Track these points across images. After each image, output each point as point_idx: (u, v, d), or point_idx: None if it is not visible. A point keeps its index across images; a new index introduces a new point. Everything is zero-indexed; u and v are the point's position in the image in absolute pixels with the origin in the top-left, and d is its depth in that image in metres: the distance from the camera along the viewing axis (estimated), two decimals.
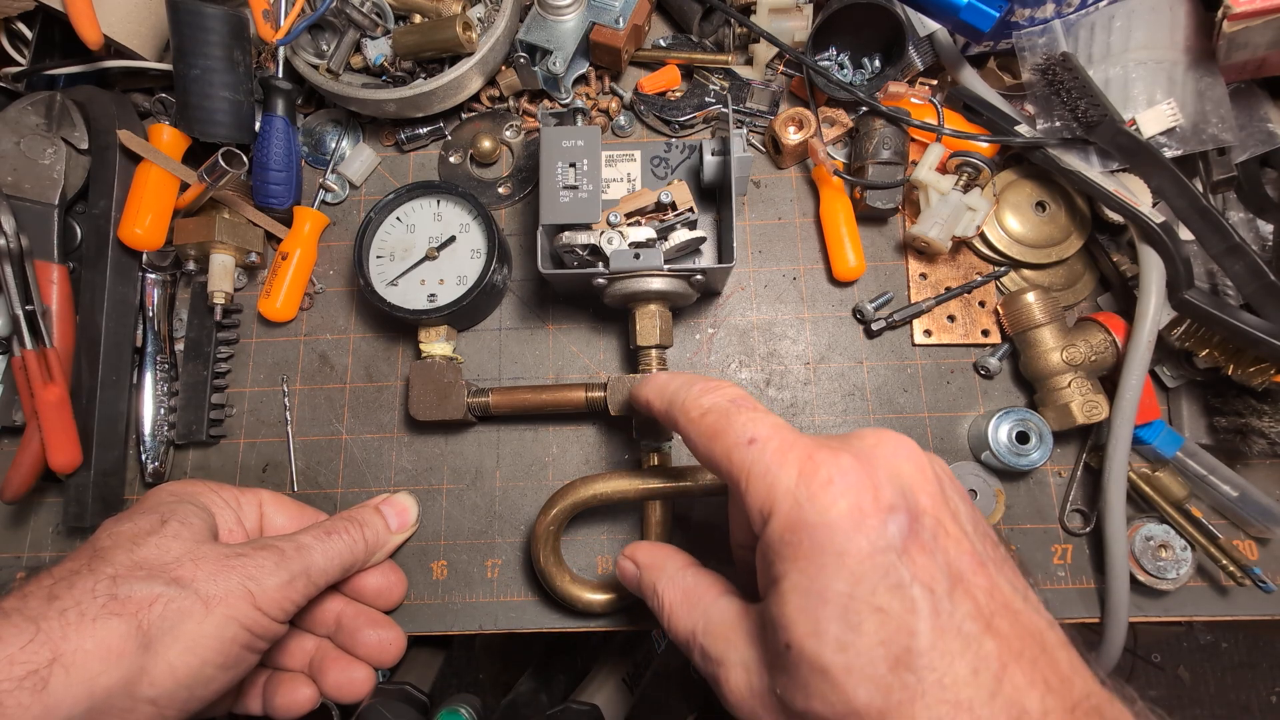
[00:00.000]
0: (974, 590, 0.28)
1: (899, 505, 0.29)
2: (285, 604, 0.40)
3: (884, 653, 0.27)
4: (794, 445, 0.31)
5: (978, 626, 0.27)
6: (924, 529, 0.29)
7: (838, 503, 0.29)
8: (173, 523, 0.41)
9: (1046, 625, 0.29)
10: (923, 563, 0.28)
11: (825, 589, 0.28)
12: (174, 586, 0.37)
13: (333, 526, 0.46)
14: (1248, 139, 0.51)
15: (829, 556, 0.28)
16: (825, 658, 0.27)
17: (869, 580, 0.27)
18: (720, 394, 0.36)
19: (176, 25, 0.53)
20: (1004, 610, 0.28)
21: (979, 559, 0.29)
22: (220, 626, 0.37)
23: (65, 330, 0.54)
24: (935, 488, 0.31)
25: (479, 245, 0.54)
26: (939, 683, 0.26)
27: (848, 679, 0.27)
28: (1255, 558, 0.51)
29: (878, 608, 0.27)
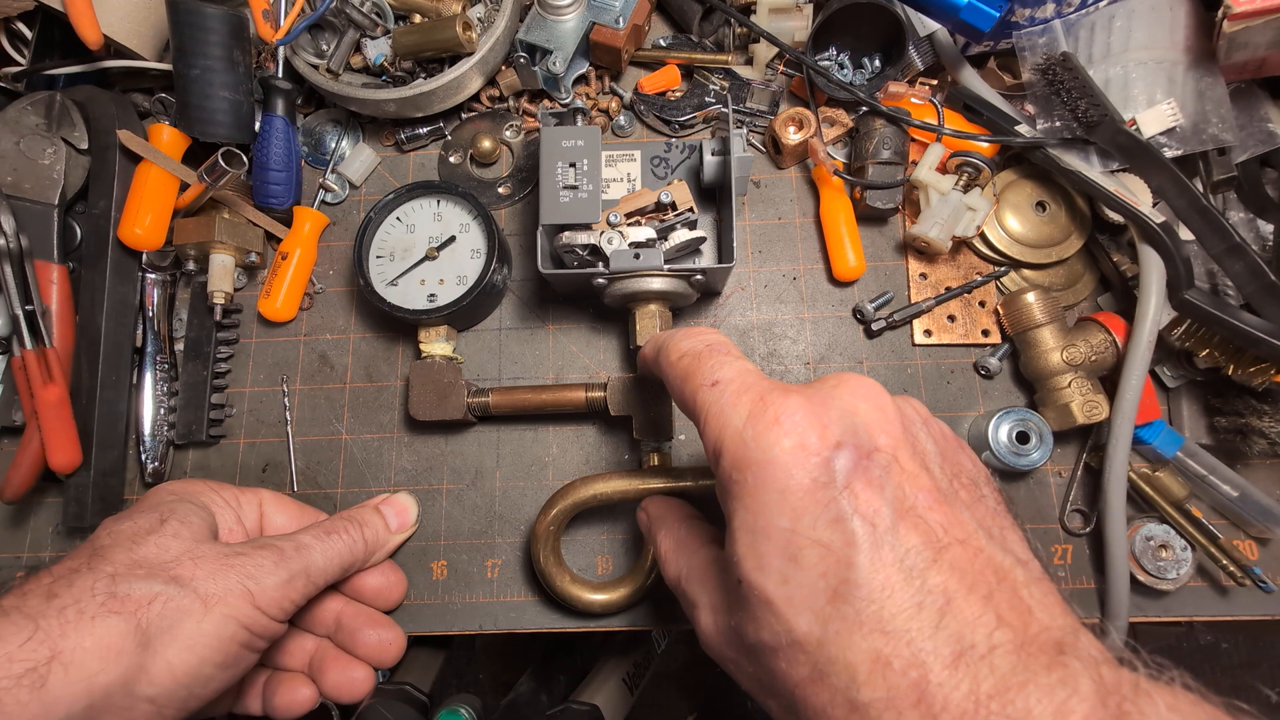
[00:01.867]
0: (926, 525, 0.28)
1: (846, 442, 0.29)
2: (284, 603, 0.40)
3: (824, 585, 0.27)
4: (751, 387, 0.31)
5: (924, 560, 0.27)
6: (873, 464, 0.29)
7: (781, 440, 0.29)
8: (172, 521, 0.41)
9: (1015, 563, 0.28)
10: (866, 497, 0.28)
11: (769, 524, 0.29)
12: (173, 585, 0.37)
13: (332, 526, 0.46)
14: (1248, 139, 0.51)
15: (771, 493, 0.29)
16: (769, 590, 0.28)
17: (809, 514, 0.28)
18: (698, 339, 0.37)
19: (176, 25, 0.53)
20: (960, 545, 0.28)
21: (938, 495, 0.29)
22: (219, 625, 0.37)
23: (65, 330, 0.54)
24: (895, 427, 0.30)
25: (479, 245, 0.54)
26: (878, 614, 0.26)
27: (789, 610, 0.28)
28: (1255, 558, 0.50)
29: (817, 541, 0.27)
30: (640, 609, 0.51)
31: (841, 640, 0.26)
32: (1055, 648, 0.25)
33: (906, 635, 0.25)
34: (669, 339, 0.38)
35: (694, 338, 0.37)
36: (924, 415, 0.34)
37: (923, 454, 0.31)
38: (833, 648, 0.26)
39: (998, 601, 0.26)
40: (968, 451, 0.35)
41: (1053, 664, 0.24)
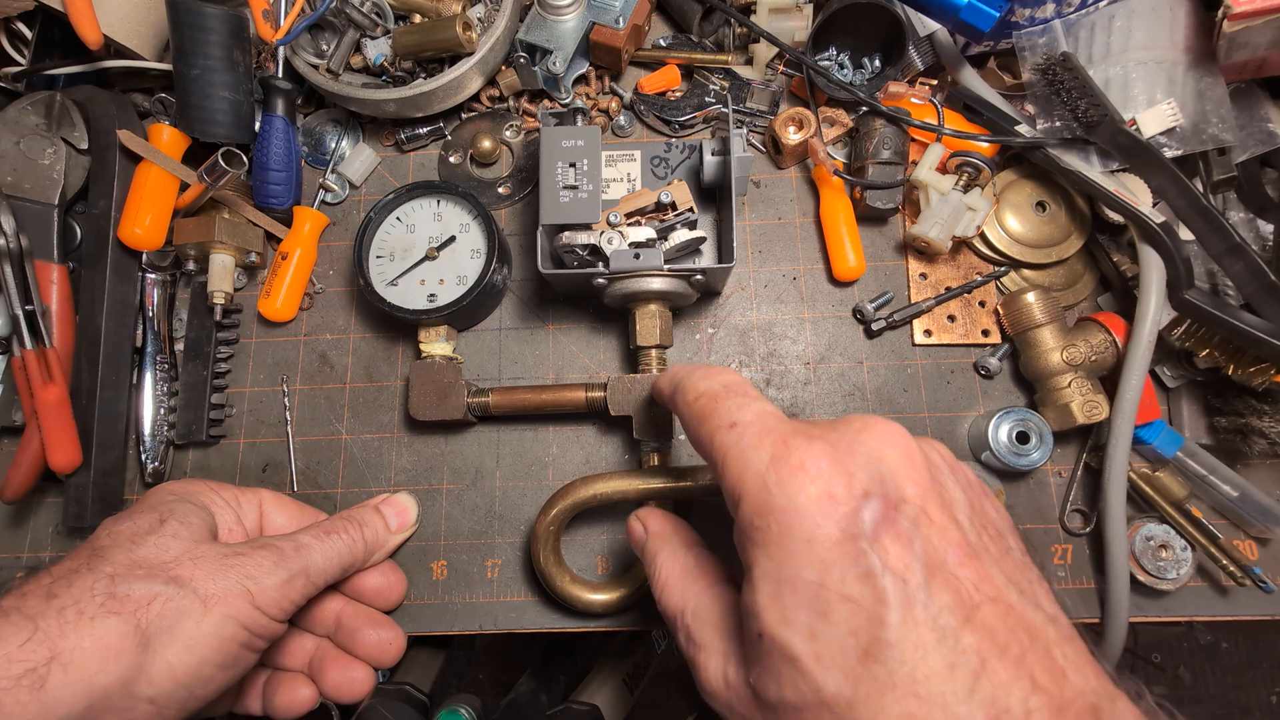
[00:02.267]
0: (957, 582, 0.27)
1: (874, 492, 0.28)
2: (284, 603, 0.40)
3: (854, 643, 0.26)
4: (772, 430, 0.30)
5: (956, 619, 0.26)
6: (902, 517, 0.28)
7: (806, 489, 0.28)
8: (172, 522, 0.41)
9: (1045, 620, 0.27)
10: (896, 551, 0.27)
11: (795, 576, 0.27)
12: (172, 585, 0.37)
13: (332, 526, 0.46)
14: (1248, 139, 0.51)
15: (797, 543, 0.28)
16: (795, 646, 0.27)
17: (838, 568, 0.27)
18: (716, 379, 0.36)
19: (176, 25, 0.53)
20: (992, 603, 0.27)
21: (968, 550, 0.28)
22: (219, 625, 0.37)
23: (65, 330, 0.54)
24: (923, 476, 0.29)
25: (479, 245, 0.54)
26: (910, 676, 0.25)
27: (817, 667, 0.26)
28: (1255, 558, 0.50)
29: (847, 596, 0.26)
30: (640, 609, 0.51)
31: (873, 703, 0.25)
32: (1091, 713, 0.24)
33: (941, 699, 0.25)
34: (686, 378, 0.37)
35: (712, 378, 0.36)
36: (950, 461, 0.33)
37: (950, 504, 0.30)
38: (863, 710, 0.25)
39: (1031, 664, 0.26)
40: (991, 499, 0.34)
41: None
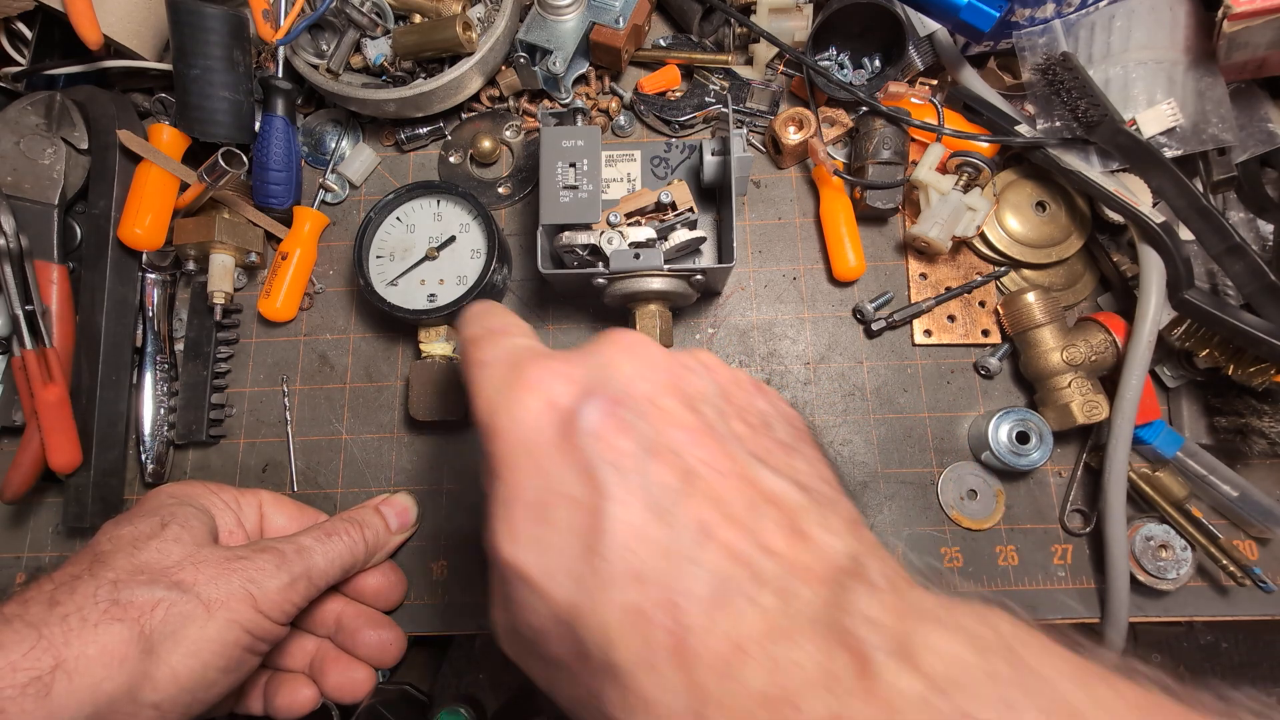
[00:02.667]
0: (680, 460, 0.25)
1: (597, 391, 0.26)
2: (286, 606, 0.40)
3: (578, 543, 0.24)
4: (513, 360, 0.29)
5: (676, 495, 0.24)
6: (626, 409, 0.26)
7: (528, 403, 0.27)
8: (173, 526, 0.41)
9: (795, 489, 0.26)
10: (617, 442, 0.25)
11: (519, 490, 0.26)
12: (175, 591, 0.37)
13: (333, 528, 0.46)
14: (1248, 139, 0.51)
15: (519, 457, 0.26)
16: (524, 562, 0.25)
17: (558, 470, 0.25)
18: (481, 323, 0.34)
19: (176, 25, 0.53)
20: (721, 476, 0.25)
21: (704, 432, 0.26)
22: (222, 630, 0.37)
23: (65, 330, 0.54)
24: (659, 374, 0.28)
25: (479, 245, 0.54)
26: (629, 562, 0.23)
27: (548, 580, 0.24)
28: (1255, 558, 0.50)
29: (567, 496, 0.25)
30: None
31: (597, 601, 0.23)
32: (830, 577, 0.23)
33: (662, 579, 0.23)
34: (461, 324, 0.36)
35: (477, 323, 0.34)
36: (709, 363, 0.32)
37: (691, 396, 0.28)
38: (589, 615, 0.23)
39: (764, 529, 0.24)
40: (768, 395, 0.33)
41: (826, 599, 0.22)
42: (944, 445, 0.53)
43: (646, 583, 0.23)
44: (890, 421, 0.54)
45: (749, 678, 0.21)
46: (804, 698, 0.20)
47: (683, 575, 0.23)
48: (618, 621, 0.23)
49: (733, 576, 0.23)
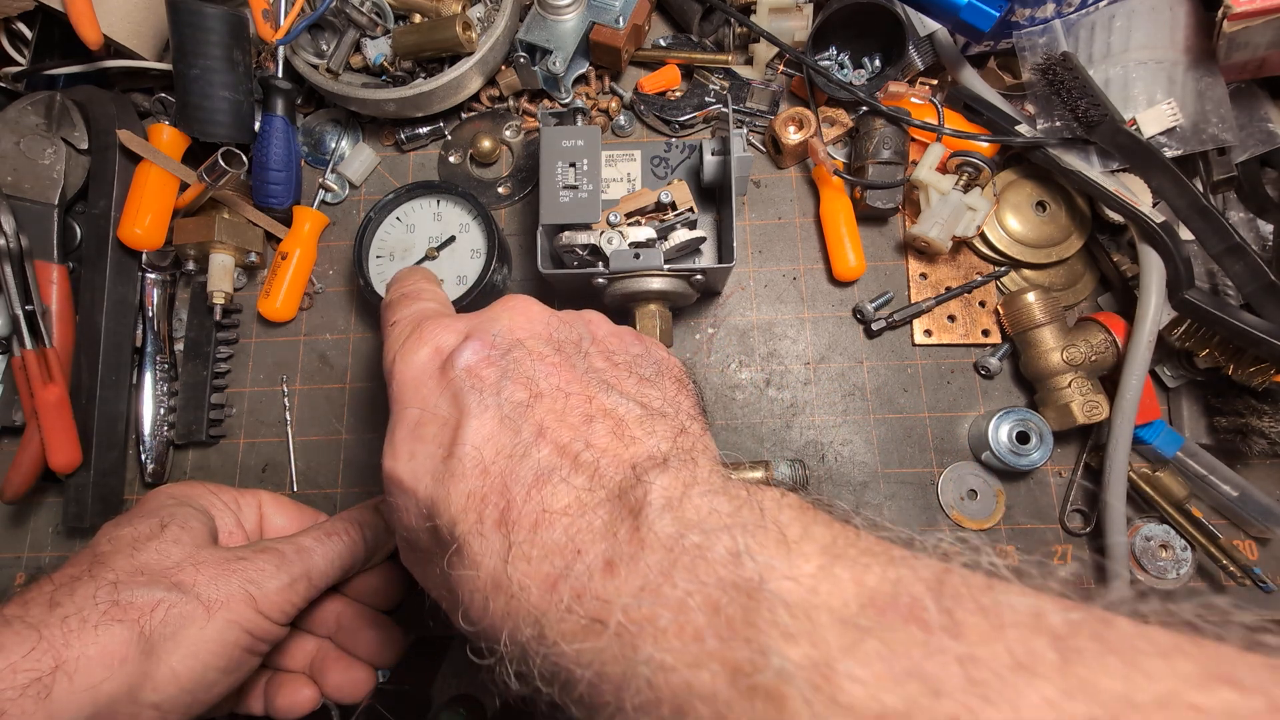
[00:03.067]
0: (533, 383, 0.30)
1: (475, 335, 0.32)
2: (286, 606, 0.40)
3: (440, 451, 0.29)
4: (415, 319, 0.35)
5: (522, 407, 0.29)
6: (496, 349, 0.32)
7: (420, 349, 0.33)
8: (173, 527, 0.41)
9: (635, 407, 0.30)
10: (484, 373, 0.31)
11: (404, 418, 0.31)
12: (175, 591, 0.37)
13: (333, 528, 0.46)
14: (1248, 139, 0.51)
15: (407, 392, 0.32)
16: (399, 470, 0.30)
17: (434, 399, 0.31)
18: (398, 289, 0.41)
19: (176, 25, 0.53)
20: (566, 395, 0.30)
21: (562, 364, 0.32)
22: (222, 630, 0.37)
23: (65, 330, 0.54)
24: (534, 325, 0.34)
25: (479, 245, 0.54)
26: (478, 460, 0.28)
27: (414, 481, 0.30)
28: (1255, 558, 0.50)
29: (437, 416, 0.30)
30: None
31: (447, 490, 0.28)
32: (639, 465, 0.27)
33: (499, 472, 0.28)
34: (386, 291, 0.42)
35: (395, 289, 0.41)
36: (592, 318, 0.37)
37: (560, 341, 0.34)
38: (441, 501, 0.28)
39: (593, 431, 0.29)
40: (646, 343, 0.38)
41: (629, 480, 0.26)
42: (944, 445, 0.53)
43: (488, 474, 0.28)
44: (890, 421, 0.54)
45: (550, 533, 0.26)
46: (587, 544, 0.25)
47: (517, 466, 0.28)
48: (461, 504, 0.28)
49: (555, 465, 0.28)
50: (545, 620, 0.25)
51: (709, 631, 0.21)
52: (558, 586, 0.25)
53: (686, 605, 0.22)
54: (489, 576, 0.26)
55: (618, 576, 0.24)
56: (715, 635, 0.21)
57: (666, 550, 0.23)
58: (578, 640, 0.24)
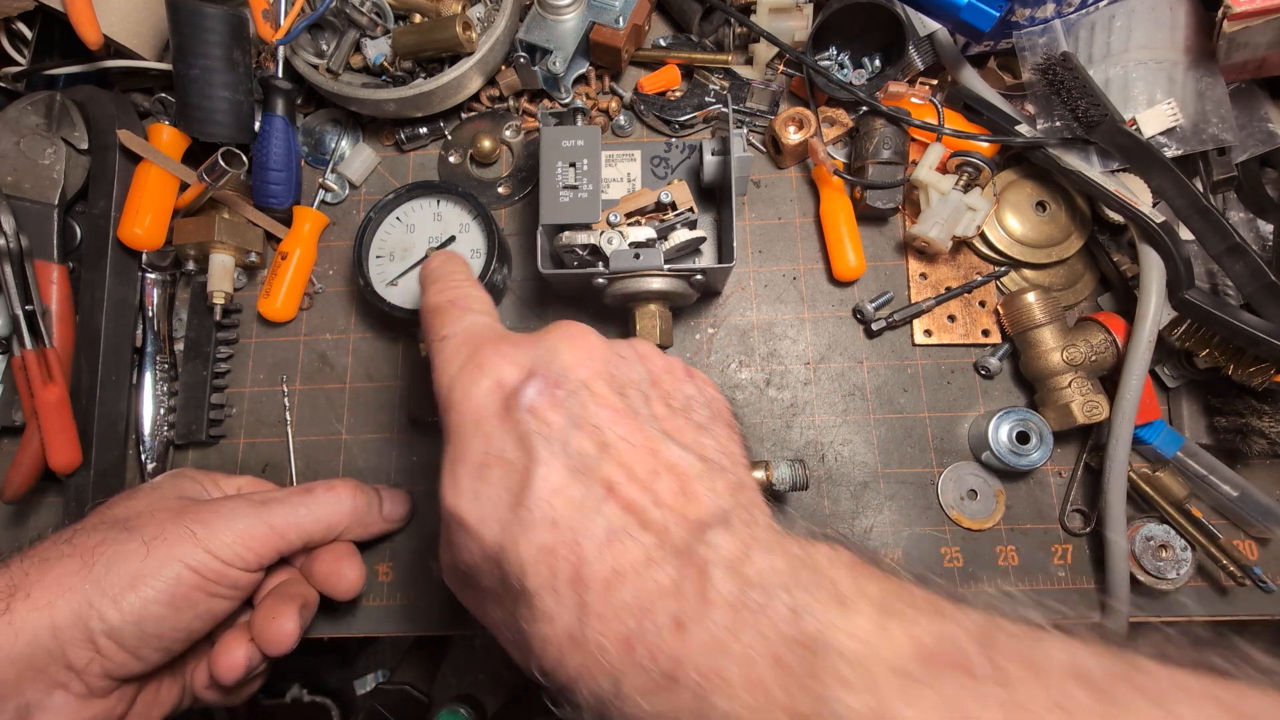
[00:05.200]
0: (600, 433, 0.30)
1: (539, 373, 0.32)
2: (239, 548, 0.42)
3: (507, 496, 0.30)
4: (472, 340, 0.35)
5: (591, 460, 0.29)
6: (561, 391, 0.31)
7: (481, 381, 0.32)
8: (145, 488, 0.46)
9: (696, 461, 0.31)
10: (550, 417, 0.31)
11: (465, 452, 0.31)
12: (120, 530, 0.41)
13: (312, 486, 0.48)
14: (1248, 139, 0.51)
15: (468, 426, 0.32)
16: (462, 509, 0.31)
17: (498, 439, 0.31)
18: (444, 294, 0.39)
19: (176, 25, 0.53)
20: (633, 447, 0.30)
21: (625, 413, 0.31)
22: (161, 565, 0.40)
23: (65, 330, 0.54)
24: (595, 363, 0.33)
25: (479, 245, 0.54)
26: (547, 512, 0.28)
27: (480, 525, 0.30)
28: (1255, 558, 0.50)
29: (503, 459, 0.30)
30: None
31: (517, 541, 0.29)
32: (703, 524, 0.28)
33: (570, 526, 0.28)
34: (424, 290, 0.41)
35: (441, 293, 0.40)
36: (645, 352, 0.37)
37: (621, 383, 0.33)
38: (510, 550, 0.29)
39: (658, 489, 0.29)
40: (698, 380, 0.38)
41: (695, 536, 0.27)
42: (944, 445, 0.53)
43: (559, 528, 0.28)
44: (890, 421, 0.54)
45: (621, 593, 0.27)
46: (657, 605, 0.26)
47: (587, 522, 0.28)
48: (532, 557, 0.28)
49: (625, 523, 0.28)
50: (623, 678, 0.26)
51: (774, 684, 0.23)
52: (634, 646, 0.26)
53: (752, 660, 0.24)
54: (564, 633, 0.27)
55: (687, 634, 0.25)
56: (780, 687, 0.23)
57: (731, 609, 0.25)
58: (654, 695, 0.25)
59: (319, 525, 0.46)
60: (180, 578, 0.40)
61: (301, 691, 1.13)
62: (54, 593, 0.38)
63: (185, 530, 0.41)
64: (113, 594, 0.38)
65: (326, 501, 0.46)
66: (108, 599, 0.38)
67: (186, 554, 0.40)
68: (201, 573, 0.41)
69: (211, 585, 0.41)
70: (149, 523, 0.41)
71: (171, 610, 0.40)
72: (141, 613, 0.39)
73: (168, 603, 0.39)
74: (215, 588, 0.41)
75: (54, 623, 0.37)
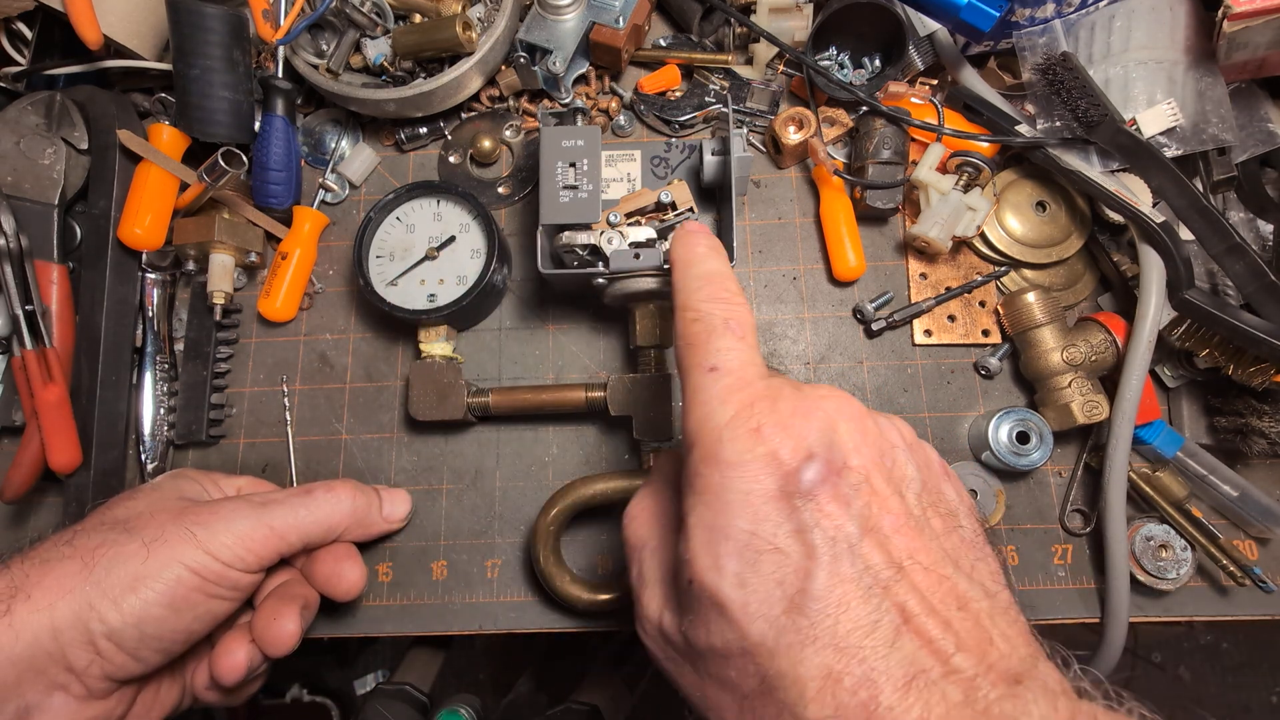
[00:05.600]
0: (889, 545, 0.28)
1: (819, 455, 0.28)
2: (239, 550, 0.42)
3: (780, 593, 0.27)
4: (744, 387, 0.31)
5: (884, 579, 0.27)
6: (843, 482, 0.28)
7: (756, 447, 0.29)
8: (145, 488, 0.46)
9: (981, 594, 0.28)
10: (831, 511, 0.28)
11: (728, 525, 0.28)
12: (120, 532, 0.41)
13: (312, 487, 0.48)
14: (1248, 139, 0.51)
15: (734, 494, 0.28)
16: (724, 593, 0.27)
17: (771, 521, 0.28)
18: (718, 308, 0.34)
19: (176, 25, 0.53)
20: (924, 570, 0.27)
21: (908, 521, 0.29)
22: (161, 567, 0.40)
23: (65, 330, 0.54)
24: (873, 450, 0.30)
25: (479, 245, 0.54)
26: (832, 629, 0.26)
27: (744, 615, 0.27)
28: (1255, 558, 0.51)
29: (777, 548, 0.27)
30: None
31: (794, 653, 0.26)
32: (1012, 679, 0.25)
33: (860, 653, 0.25)
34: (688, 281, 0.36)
35: (715, 302, 0.34)
36: (909, 440, 0.33)
37: (899, 480, 0.30)
38: (784, 660, 0.26)
39: (957, 628, 0.26)
40: (954, 481, 0.34)
41: (1006, 695, 0.24)
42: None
43: (846, 654, 0.25)
44: None
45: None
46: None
47: (881, 655, 0.25)
48: (814, 680, 0.25)
49: (927, 666, 0.25)
50: None
51: None
52: None
53: None
54: None
55: None
56: None
57: None
58: None
59: (319, 526, 0.46)
60: (180, 579, 0.40)
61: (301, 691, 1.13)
62: (54, 594, 0.38)
63: (185, 532, 0.41)
64: (113, 596, 0.38)
65: (326, 503, 0.47)
66: (108, 601, 0.38)
67: (187, 556, 0.40)
68: (202, 574, 0.41)
69: (212, 587, 0.41)
70: (149, 524, 0.41)
71: (172, 612, 0.40)
72: (142, 614, 0.39)
73: (168, 604, 0.39)
74: (215, 589, 0.41)
75: (54, 624, 0.37)
